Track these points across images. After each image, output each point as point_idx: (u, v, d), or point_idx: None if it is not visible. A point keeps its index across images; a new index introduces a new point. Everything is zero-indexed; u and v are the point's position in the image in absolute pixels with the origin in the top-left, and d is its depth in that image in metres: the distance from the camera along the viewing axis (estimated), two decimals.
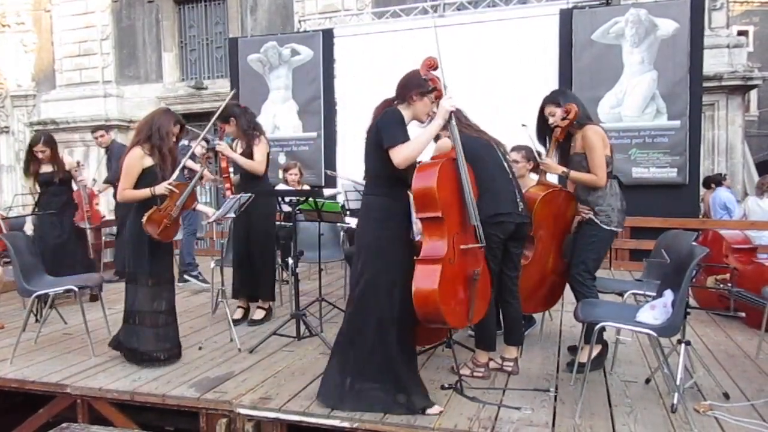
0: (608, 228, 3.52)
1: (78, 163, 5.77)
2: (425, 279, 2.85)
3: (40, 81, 13.23)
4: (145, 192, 3.64)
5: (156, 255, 3.74)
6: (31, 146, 5.30)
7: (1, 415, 3.86)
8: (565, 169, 3.60)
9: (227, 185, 4.51)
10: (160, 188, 3.63)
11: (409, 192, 3.03)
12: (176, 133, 3.79)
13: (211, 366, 3.76)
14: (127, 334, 3.77)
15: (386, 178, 3.03)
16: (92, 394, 3.44)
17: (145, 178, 3.66)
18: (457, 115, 3.54)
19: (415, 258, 2.92)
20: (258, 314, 4.82)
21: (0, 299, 5.49)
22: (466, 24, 7.79)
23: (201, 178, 3.98)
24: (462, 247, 2.98)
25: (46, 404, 3.63)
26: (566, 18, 7.26)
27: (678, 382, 2.97)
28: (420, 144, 2.91)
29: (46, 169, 5.30)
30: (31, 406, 3.72)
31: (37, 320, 4.64)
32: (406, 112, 3.04)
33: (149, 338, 3.73)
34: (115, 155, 6.40)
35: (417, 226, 3.37)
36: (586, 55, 7.11)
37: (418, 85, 3.05)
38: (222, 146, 4.53)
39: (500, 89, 7.23)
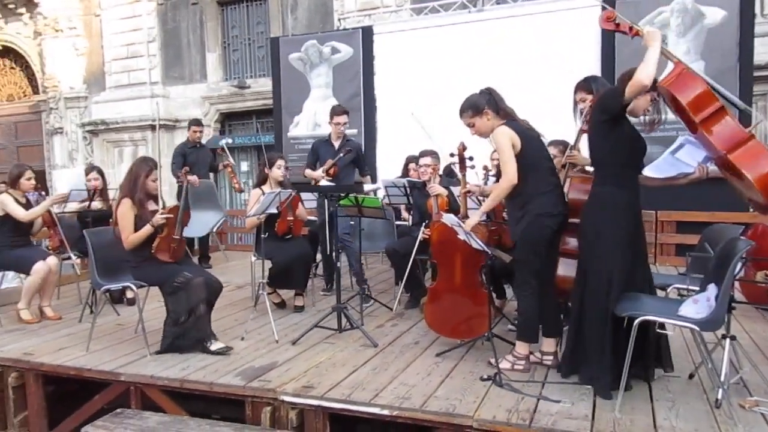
0: None
1: None
2: (759, 160, 2.72)
3: (91, 83, 13.69)
4: (147, 229, 3.94)
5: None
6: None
7: (60, 400, 4.07)
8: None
9: None
10: (158, 219, 3.92)
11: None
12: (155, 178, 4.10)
13: (255, 357, 3.88)
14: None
15: (612, 165, 3.11)
16: (144, 382, 3.60)
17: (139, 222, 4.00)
18: (495, 97, 3.51)
19: (723, 153, 2.83)
20: (299, 301, 5.11)
21: (57, 292, 5.75)
22: (506, 18, 7.75)
23: (187, 196, 4.17)
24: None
25: (101, 391, 3.81)
26: None
27: (722, 378, 2.92)
28: (650, 62, 2.89)
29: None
30: (87, 393, 3.91)
31: (92, 311, 4.85)
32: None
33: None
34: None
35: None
36: (630, 47, 6.94)
37: None
38: None
39: (541, 83, 7.16)
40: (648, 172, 3.34)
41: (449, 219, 3.56)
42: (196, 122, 7.67)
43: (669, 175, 3.30)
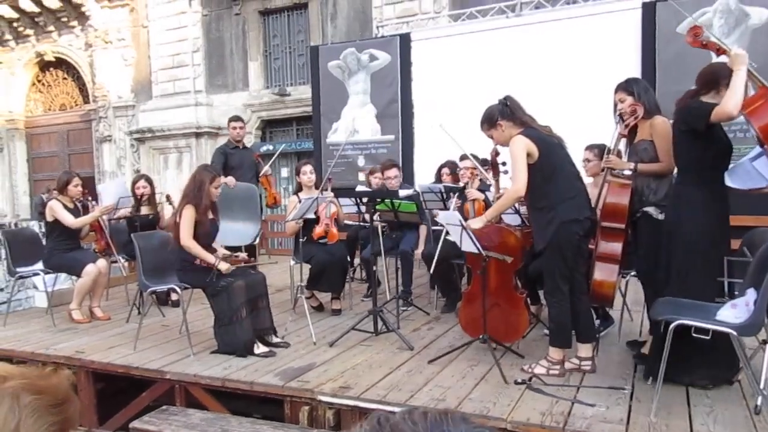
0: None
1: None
2: None
3: (138, 92, 14.17)
4: (211, 259, 4.07)
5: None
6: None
7: (109, 397, 4.26)
8: (631, 165, 3.57)
9: None
10: (224, 267, 4.05)
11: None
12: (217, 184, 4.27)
13: (294, 358, 3.98)
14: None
15: (694, 166, 3.19)
16: (188, 380, 3.75)
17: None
18: (512, 106, 3.51)
19: None
20: (336, 304, 5.25)
21: (106, 293, 5.99)
22: (544, 22, 7.71)
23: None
24: None
25: (147, 388, 3.98)
26: (649, 11, 7.05)
27: (762, 384, 2.88)
28: (738, 90, 2.91)
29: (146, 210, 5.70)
30: (134, 390, 4.09)
31: (139, 312, 5.05)
32: (712, 101, 3.09)
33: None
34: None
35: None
36: (671, 49, 6.85)
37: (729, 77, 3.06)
38: None
39: (580, 86, 7.11)
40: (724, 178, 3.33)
41: (445, 217, 3.73)
42: (236, 118, 6.84)
43: (741, 187, 3.30)
